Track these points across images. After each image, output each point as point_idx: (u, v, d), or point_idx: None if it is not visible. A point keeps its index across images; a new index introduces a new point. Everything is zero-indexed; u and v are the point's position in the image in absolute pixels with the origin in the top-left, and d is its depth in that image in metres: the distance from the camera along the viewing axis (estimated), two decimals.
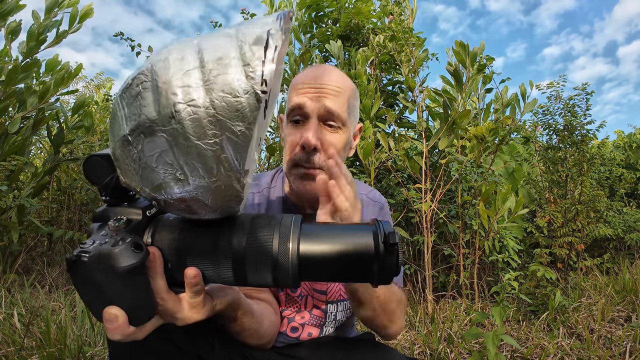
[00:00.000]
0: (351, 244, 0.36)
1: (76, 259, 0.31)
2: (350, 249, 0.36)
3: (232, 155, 0.29)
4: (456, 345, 1.40)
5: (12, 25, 2.04)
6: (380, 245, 0.35)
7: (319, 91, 0.63)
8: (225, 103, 0.27)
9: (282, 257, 0.35)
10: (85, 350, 1.13)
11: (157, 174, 0.31)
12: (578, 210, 2.35)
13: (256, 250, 0.35)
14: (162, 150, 0.29)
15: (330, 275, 0.37)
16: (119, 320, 0.33)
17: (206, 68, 0.28)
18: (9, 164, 1.98)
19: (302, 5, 2.67)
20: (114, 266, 0.31)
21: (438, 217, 2.11)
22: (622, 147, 4.27)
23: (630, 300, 1.89)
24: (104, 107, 3.21)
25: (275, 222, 0.36)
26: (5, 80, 1.97)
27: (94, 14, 2.26)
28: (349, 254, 0.36)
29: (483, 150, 2.02)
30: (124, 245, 0.32)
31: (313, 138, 0.60)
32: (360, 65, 2.04)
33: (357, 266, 0.36)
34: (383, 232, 0.36)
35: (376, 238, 0.36)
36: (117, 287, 0.32)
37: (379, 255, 0.35)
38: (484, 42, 1.87)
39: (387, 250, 0.35)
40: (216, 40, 0.29)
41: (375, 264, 0.35)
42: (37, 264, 2.29)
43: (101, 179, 0.36)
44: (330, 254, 0.35)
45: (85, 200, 2.58)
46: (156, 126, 0.29)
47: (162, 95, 0.28)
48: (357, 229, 0.37)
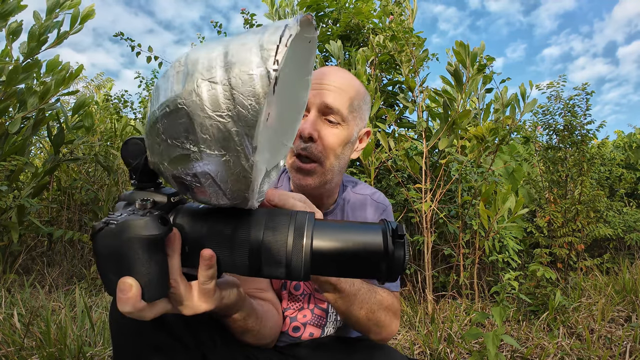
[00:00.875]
0: (361, 241, 0.37)
1: (104, 225, 0.33)
2: (360, 246, 0.37)
3: (242, 129, 0.31)
4: (456, 345, 1.40)
5: (13, 26, 2.04)
6: (389, 241, 0.37)
7: (321, 87, 0.64)
8: (241, 80, 0.30)
9: (296, 252, 0.36)
10: (85, 350, 1.13)
11: (175, 147, 0.33)
12: (578, 210, 2.35)
13: (272, 244, 0.36)
14: (181, 122, 0.32)
15: (340, 271, 0.38)
16: (133, 291, 0.33)
17: (229, 53, 0.32)
18: (9, 164, 1.98)
19: (302, 5, 2.67)
20: (140, 234, 0.33)
21: (438, 217, 2.11)
22: (622, 147, 4.27)
23: (630, 300, 1.89)
24: (104, 107, 3.21)
25: (291, 218, 0.38)
26: (6, 81, 1.97)
27: (95, 15, 2.26)
28: (359, 251, 0.37)
29: (483, 150, 2.02)
30: (151, 217, 0.34)
31: (309, 127, 0.62)
32: (360, 65, 2.04)
33: (366, 263, 0.37)
34: (391, 229, 0.38)
35: (385, 236, 0.37)
36: (137, 256, 0.33)
37: (388, 252, 0.37)
38: (484, 42, 1.87)
39: (395, 245, 0.37)
40: (243, 35, 0.33)
41: (383, 261, 0.37)
42: (37, 264, 2.29)
43: (134, 161, 0.38)
44: (341, 250, 0.37)
45: (85, 200, 2.58)
46: (179, 99, 0.32)
47: (189, 75, 0.32)
48: (367, 228, 0.39)
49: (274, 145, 0.48)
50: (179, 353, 0.49)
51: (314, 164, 0.64)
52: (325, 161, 0.65)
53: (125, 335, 0.48)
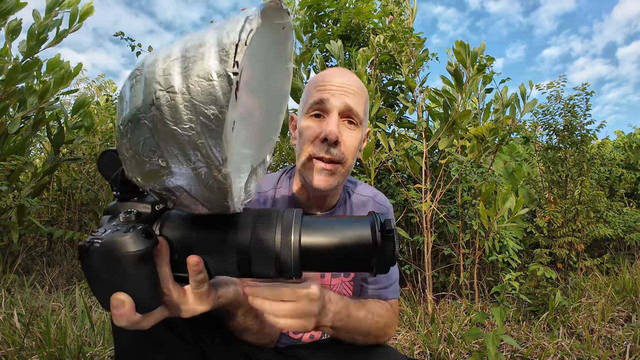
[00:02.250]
0: (350, 235, 0.37)
1: (89, 245, 0.33)
2: (349, 240, 0.37)
3: (208, 140, 0.29)
4: (456, 345, 1.40)
5: (13, 24, 2.04)
6: (378, 235, 0.37)
7: (342, 89, 0.65)
8: (200, 87, 0.28)
9: (285, 249, 0.36)
10: (85, 350, 1.13)
11: (144, 163, 0.32)
12: (578, 210, 2.35)
13: (260, 243, 0.36)
14: (145, 138, 0.31)
15: (331, 266, 0.38)
16: (126, 307, 0.34)
17: (187, 56, 0.29)
18: (9, 163, 1.98)
19: (303, 5, 2.67)
20: (125, 251, 0.32)
21: (438, 217, 2.11)
22: (622, 147, 4.27)
23: (630, 300, 1.90)
24: (106, 108, 3.21)
25: (278, 216, 0.38)
26: (6, 80, 1.97)
27: (94, 12, 2.26)
28: (348, 244, 0.37)
29: (483, 150, 2.02)
30: (135, 232, 0.33)
31: (335, 131, 0.62)
32: (361, 65, 2.04)
33: (356, 256, 0.37)
34: (380, 222, 0.38)
35: (373, 229, 0.37)
36: (126, 273, 0.33)
37: (377, 245, 0.37)
38: (484, 42, 1.87)
39: (384, 239, 0.37)
40: (201, 33, 0.31)
41: (373, 254, 0.37)
42: (37, 264, 2.28)
43: (112, 173, 0.38)
44: (330, 245, 0.37)
45: (85, 200, 2.57)
46: (140, 113, 0.30)
47: (146, 85, 0.30)
48: (355, 222, 0.39)
49: (258, 141, 0.47)
50: (179, 350, 0.50)
51: (337, 164, 0.65)
52: (346, 163, 0.66)
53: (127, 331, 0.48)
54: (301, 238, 0.37)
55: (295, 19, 2.65)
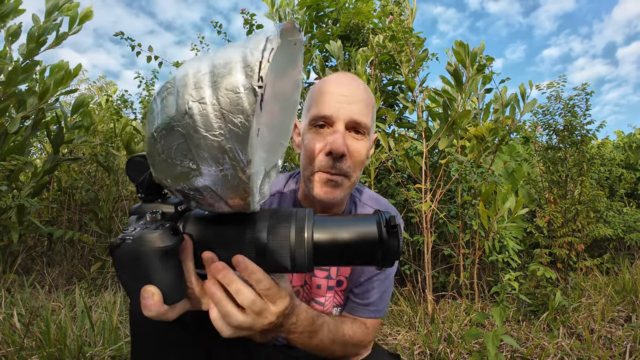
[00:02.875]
0: (358, 231, 0.40)
1: (121, 242, 0.36)
2: (356, 235, 0.40)
3: (235, 145, 0.33)
4: (456, 345, 1.40)
5: (13, 28, 2.05)
6: (383, 230, 0.40)
7: (348, 99, 0.63)
8: (229, 99, 0.32)
9: (299, 246, 0.39)
10: (85, 350, 1.13)
11: (175, 166, 0.36)
12: (578, 210, 2.35)
13: (276, 239, 0.40)
14: (178, 143, 0.35)
15: (341, 260, 0.42)
16: (155, 298, 0.37)
17: (215, 72, 0.33)
18: (9, 163, 1.98)
19: (302, 5, 2.67)
20: (155, 247, 0.36)
21: (438, 217, 2.11)
22: (622, 147, 4.27)
23: (630, 300, 1.89)
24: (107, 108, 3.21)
25: (292, 214, 0.41)
26: (5, 81, 1.97)
27: (93, 16, 2.26)
28: (356, 240, 0.40)
29: (483, 150, 2.02)
30: (163, 229, 0.37)
31: (341, 145, 0.60)
32: (360, 65, 2.04)
33: (364, 250, 0.40)
34: (385, 219, 0.41)
35: (379, 225, 0.40)
36: (155, 266, 0.37)
37: (383, 240, 0.40)
38: (483, 42, 1.87)
39: (389, 234, 0.40)
40: (226, 51, 0.35)
41: (379, 248, 0.40)
42: (37, 264, 2.29)
43: (139, 177, 0.41)
44: (339, 240, 0.40)
45: (85, 200, 2.58)
46: (173, 122, 0.34)
47: (179, 97, 0.34)
48: (362, 219, 0.42)
49: (271, 146, 0.50)
50: (188, 348, 0.51)
51: (342, 177, 0.64)
52: (353, 175, 0.65)
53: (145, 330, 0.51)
54: (314, 235, 0.40)
55: (295, 18, 2.65)
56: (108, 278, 2.17)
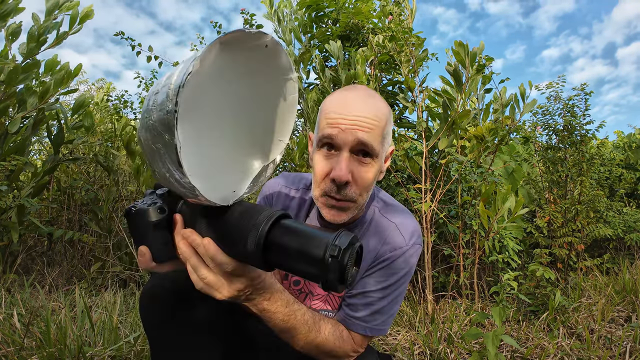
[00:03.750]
0: (307, 245, 0.40)
1: (129, 209, 0.48)
2: (304, 249, 0.40)
3: (170, 156, 0.39)
4: (456, 345, 1.40)
5: (13, 27, 2.04)
6: (327, 255, 0.39)
7: (353, 123, 0.59)
8: (159, 117, 0.38)
9: (252, 236, 0.42)
10: (85, 350, 1.13)
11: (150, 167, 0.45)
12: (578, 210, 2.35)
13: (235, 229, 0.44)
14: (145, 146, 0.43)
15: (289, 267, 0.42)
16: (145, 256, 0.47)
17: (158, 90, 0.40)
18: (9, 164, 1.98)
19: (302, 5, 2.67)
20: (147, 219, 0.47)
21: (438, 217, 2.11)
22: (622, 147, 4.28)
23: (630, 300, 1.90)
24: (104, 107, 3.21)
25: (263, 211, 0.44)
26: (6, 81, 1.97)
27: (94, 15, 2.26)
28: (302, 253, 0.40)
29: (483, 150, 2.02)
30: (153, 207, 0.47)
31: (345, 173, 0.59)
32: (360, 66, 2.04)
33: (307, 268, 0.40)
34: (334, 245, 0.39)
35: (325, 250, 0.39)
36: (147, 233, 0.47)
37: (325, 264, 0.39)
38: (483, 42, 1.87)
39: (331, 262, 0.38)
40: (177, 68, 0.40)
41: (320, 271, 0.39)
42: (37, 264, 2.29)
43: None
44: (291, 246, 0.41)
45: (85, 200, 2.57)
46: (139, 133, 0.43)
47: (143, 111, 0.42)
48: (319, 235, 0.41)
49: (266, 143, 0.54)
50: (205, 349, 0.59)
51: (349, 202, 0.62)
52: (359, 199, 0.63)
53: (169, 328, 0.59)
54: (270, 232, 0.42)
55: (294, 19, 2.65)
56: (108, 278, 2.17)
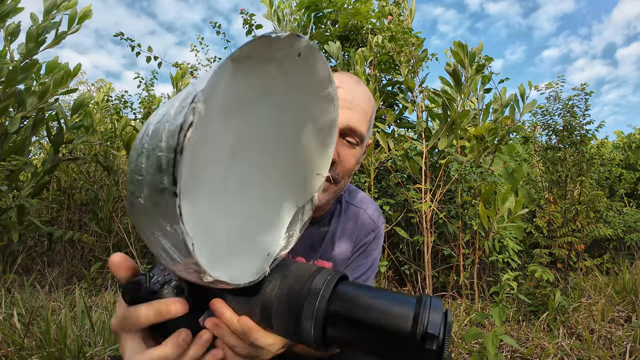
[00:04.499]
0: (387, 316, 0.30)
1: (132, 287, 0.34)
2: (385, 322, 0.30)
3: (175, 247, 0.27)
4: (456, 345, 1.40)
5: (12, 27, 2.05)
6: (419, 329, 0.29)
7: (347, 104, 0.60)
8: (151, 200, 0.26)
9: (306, 316, 0.32)
10: (85, 350, 1.13)
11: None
12: (578, 210, 2.35)
13: (285, 301, 0.34)
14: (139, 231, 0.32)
15: (362, 349, 0.32)
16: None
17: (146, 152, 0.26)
18: (9, 164, 1.98)
19: (300, 6, 2.67)
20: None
21: (438, 217, 2.11)
22: (622, 147, 4.28)
23: (630, 300, 1.89)
24: (104, 107, 3.21)
25: (308, 280, 0.34)
26: (5, 81, 1.97)
27: (92, 15, 2.26)
28: (382, 327, 0.30)
29: (482, 150, 2.02)
30: (169, 288, 0.34)
31: (335, 152, 0.59)
32: (359, 66, 2.04)
33: (390, 344, 0.30)
34: (426, 321, 0.29)
35: (416, 321, 0.29)
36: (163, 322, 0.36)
37: (415, 339, 0.29)
38: (482, 42, 1.87)
39: (425, 336, 0.28)
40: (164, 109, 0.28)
41: (410, 348, 0.29)
42: (37, 264, 2.29)
43: None
44: (363, 324, 0.31)
45: (85, 200, 2.58)
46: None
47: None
48: (399, 301, 0.31)
49: (302, 180, 0.45)
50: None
51: (328, 182, 0.62)
52: (340, 181, 0.63)
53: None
54: (328, 307, 0.32)
55: (293, 19, 2.65)
56: (108, 278, 2.17)
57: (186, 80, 2.86)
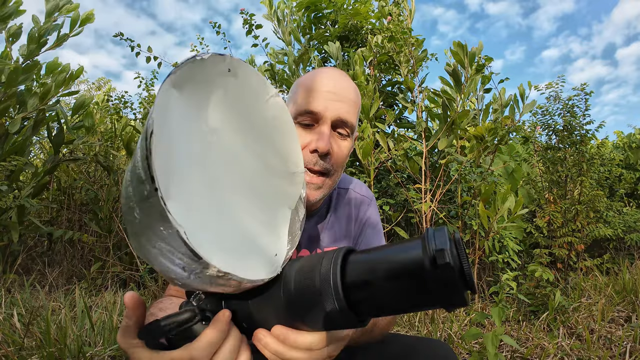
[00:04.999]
0: (396, 257, 0.30)
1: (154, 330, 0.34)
2: (396, 264, 0.30)
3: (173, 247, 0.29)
4: (456, 345, 1.40)
5: (13, 29, 2.05)
6: (428, 256, 0.28)
7: (337, 96, 0.62)
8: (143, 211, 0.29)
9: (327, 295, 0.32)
10: (85, 350, 1.13)
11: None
12: (578, 210, 2.35)
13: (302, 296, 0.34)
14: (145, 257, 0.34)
15: (390, 302, 0.31)
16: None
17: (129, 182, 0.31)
18: (9, 164, 1.98)
19: (300, 7, 2.68)
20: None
21: (438, 217, 2.12)
22: (622, 147, 4.28)
23: (630, 300, 1.89)
24: (104, 107, 3.21)
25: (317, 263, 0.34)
26: (6, 82, 1.98)
27: (94, 19, 2.27)
28: (397, 271, 0.30)
29: (482, 150, 2.02)
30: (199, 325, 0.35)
31: (327, 144, 0.60)
32: (358, 66, 2.04)
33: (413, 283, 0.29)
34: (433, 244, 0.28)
35: (425, 250, 0.28)
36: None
37: (426, 270, 0.28)
38: (481, 42, 1.87)
39: (435, 264, 0.27)
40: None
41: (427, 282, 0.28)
42: (37, 264, 2.29)
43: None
44: (379, 278, 0.30)
45: (85, 200, 2.58)
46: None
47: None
48: (405, 242, 0.31)
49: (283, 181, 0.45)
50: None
51: (323, 177, 0.63)
52: (334, 174, 0.64)
53: None
54: (345, 275, 0.32)
55: (293, 20, 2.66)
56: (108, 278, 2.17)
57: None
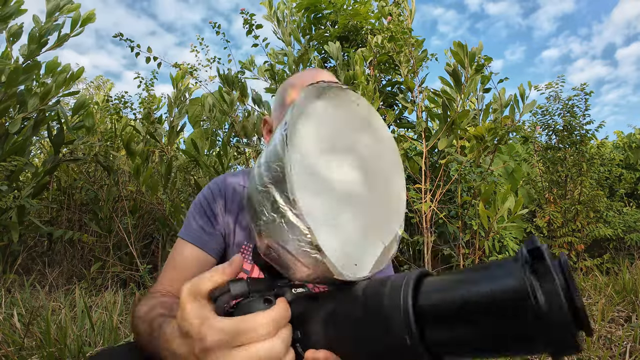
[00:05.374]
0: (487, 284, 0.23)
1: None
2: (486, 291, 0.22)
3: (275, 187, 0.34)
4: None
5: (14, 28, 2.05)
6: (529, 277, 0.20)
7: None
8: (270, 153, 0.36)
9: (395, 315, 0.27)
10: (85, 350, 1.13)
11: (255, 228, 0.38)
12: (578, 210, 2.35)
13: (370, 313, 0.30)
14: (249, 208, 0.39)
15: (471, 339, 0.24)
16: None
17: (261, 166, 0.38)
18: (9, 164, 1.98)
19: (299, 8, 2.68)
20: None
21: (438, 218, 2.12)
22: (622, 147, 4.28)
23: (630, 300, 1.89)
24: (104, 107, 3.21)
25: (388, 280, 0.30)
26: (6, 82, 1.98)
27: (95, 19, 2.27)
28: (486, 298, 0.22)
29: (482, 150, 2.02)
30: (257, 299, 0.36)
31: None
32: (358, 66, 2.04)
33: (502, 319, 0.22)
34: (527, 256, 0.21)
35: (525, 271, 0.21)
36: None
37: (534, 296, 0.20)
38: (481, 42, 1.87)
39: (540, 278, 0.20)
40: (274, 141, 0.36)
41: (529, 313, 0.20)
42: (37, 264, 2.29)
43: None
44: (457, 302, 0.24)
45: (85, 200, 2.58)
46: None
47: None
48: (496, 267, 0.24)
49: (384, 217, 0.44)
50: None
51: None
52: None
53: None
54: (415, 300, 0.26)
55: (292, 20, 2.66)
56: (108, 278, 2.17)
57: (186, 80, 2.86)
